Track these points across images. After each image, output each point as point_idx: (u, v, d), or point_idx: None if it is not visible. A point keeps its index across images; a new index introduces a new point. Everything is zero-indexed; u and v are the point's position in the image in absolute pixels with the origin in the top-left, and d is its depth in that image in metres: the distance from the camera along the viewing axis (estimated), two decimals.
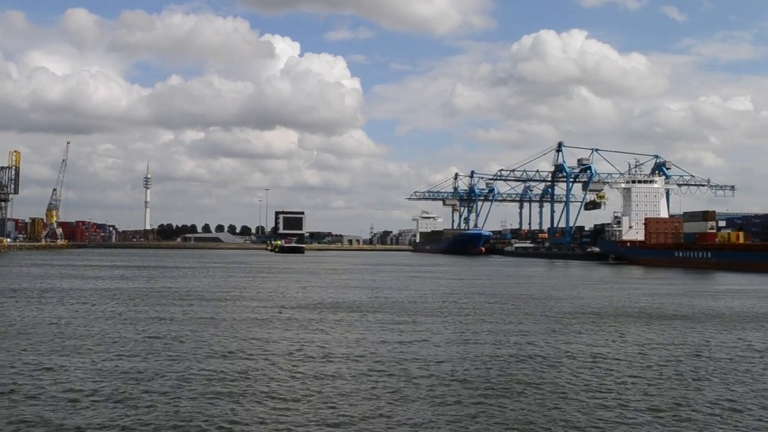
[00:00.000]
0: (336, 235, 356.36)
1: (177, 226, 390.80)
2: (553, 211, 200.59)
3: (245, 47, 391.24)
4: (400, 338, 27.55)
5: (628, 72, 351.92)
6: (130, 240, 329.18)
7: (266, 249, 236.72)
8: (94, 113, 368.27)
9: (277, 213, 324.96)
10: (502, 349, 25.11)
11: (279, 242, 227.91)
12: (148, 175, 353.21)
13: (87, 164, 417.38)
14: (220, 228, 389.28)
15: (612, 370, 21.60)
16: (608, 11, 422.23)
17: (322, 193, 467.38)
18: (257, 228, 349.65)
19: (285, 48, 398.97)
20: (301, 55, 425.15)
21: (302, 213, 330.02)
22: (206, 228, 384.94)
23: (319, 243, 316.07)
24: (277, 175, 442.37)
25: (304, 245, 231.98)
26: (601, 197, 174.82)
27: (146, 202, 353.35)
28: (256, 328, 29.83)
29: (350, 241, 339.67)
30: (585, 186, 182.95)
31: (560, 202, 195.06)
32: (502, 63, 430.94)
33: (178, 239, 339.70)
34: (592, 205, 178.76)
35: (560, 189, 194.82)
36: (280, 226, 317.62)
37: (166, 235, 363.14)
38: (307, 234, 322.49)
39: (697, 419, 15.97)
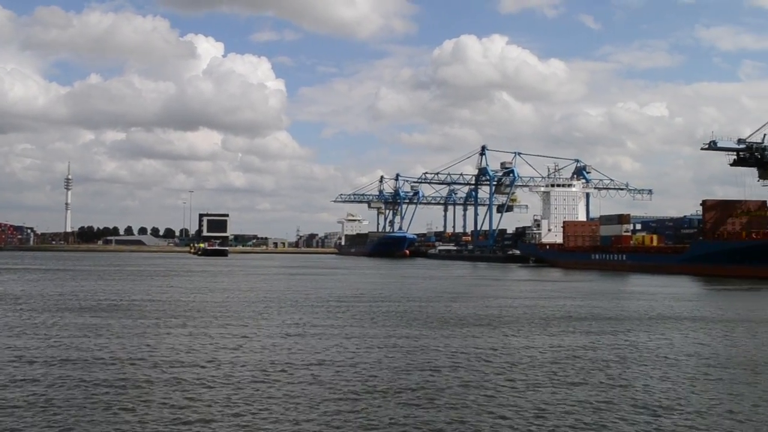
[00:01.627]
0: (261, 238, 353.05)
1: (98, 228, 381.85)
2: (476, 214, 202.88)
3: (165, 47, 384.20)
4: (286, 341, 27.00)
5: (548, 77, 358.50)
6: (49, 242, 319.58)
7: (189, 252, 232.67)
8: (10, 112, 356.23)
9: (201, 215, 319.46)
10: (394, 353, 24.85)
11: (202, 245, 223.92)
12: (69, 176, 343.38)
13: (4, 164, 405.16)
14: (142, 230, 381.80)
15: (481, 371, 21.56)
16: (526, 18, 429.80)
17: (248, 196, 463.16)
18: (181, 230, 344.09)
19: (208, 48, 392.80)
20: (224, 56, 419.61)
21: (226, 215, 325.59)
22: (129, 230, 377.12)
23: (243, 246, 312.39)
24: (201, 177, 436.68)
25: (227, 248, 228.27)
26: (513, 200, 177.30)
27: (67, 204, 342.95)
28: (140, 335, 28.78)
29: (275, 244, 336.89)
30: (497, 189, 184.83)
31: (484, 205, 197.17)
32: (424, 67, 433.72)
33: (100, 242, 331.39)
34: (505, 208, 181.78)
35: (484, 192, 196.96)
36: (204, 228, 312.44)
37: (87, 237, 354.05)
38: (232, 236, 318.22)
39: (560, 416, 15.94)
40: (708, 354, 25.73)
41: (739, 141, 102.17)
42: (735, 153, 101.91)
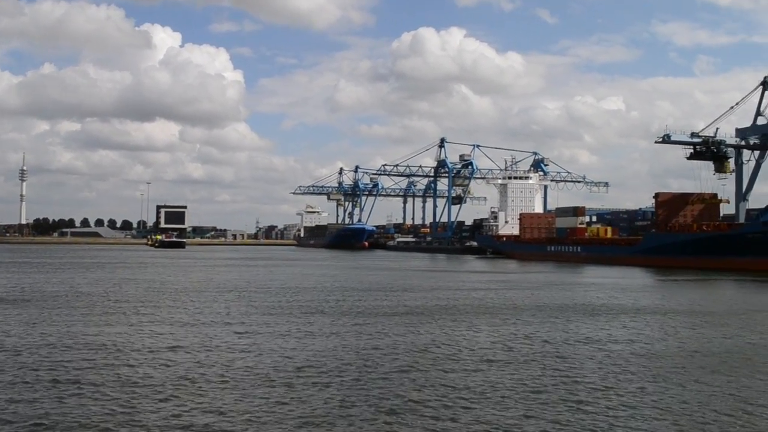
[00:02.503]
0: (220, 230, 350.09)
1: (54, 220, 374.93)
2: (435, 206, 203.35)
3: (120, 36, 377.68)
4: (221, 333, 26.67)
5: (505, 71, 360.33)
6: (2, 235, 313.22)
7: (147, 244, 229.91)
8: None
9: (159, 207, 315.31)
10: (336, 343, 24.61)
11: (159, 237, 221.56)
12: (23, 167, 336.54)
13: None
14: (99, 222, 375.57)
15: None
16: (484, 11, 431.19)
17: (207, 187, 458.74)
18: (139, 222, 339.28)
19: (165, 38, 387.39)
20: (181, 46, 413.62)
21: (185, 207, 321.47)
22: (85, 222, 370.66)
23: (202, 238, 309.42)
24: (159, 168, 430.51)
25: (185, 240, 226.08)
26: (467, 192, 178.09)
27: (22, 195, 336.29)
28: (81, 325, 28.27)
29: (234, 236, 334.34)
30: (456, 181, 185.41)
31: (443, 197, 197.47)
32: (383, 59, 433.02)
33: (55, 234, 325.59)
34: (458, 200, 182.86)
35: (443, 184, 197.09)
36: (162, 220, 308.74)
37: (43, 229, 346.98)
38: (190, 228, 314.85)
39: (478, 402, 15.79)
40: (642, 344, 25.90)
41: (693, 135, 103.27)
42: (692, 147, 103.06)
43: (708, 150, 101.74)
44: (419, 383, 18.71)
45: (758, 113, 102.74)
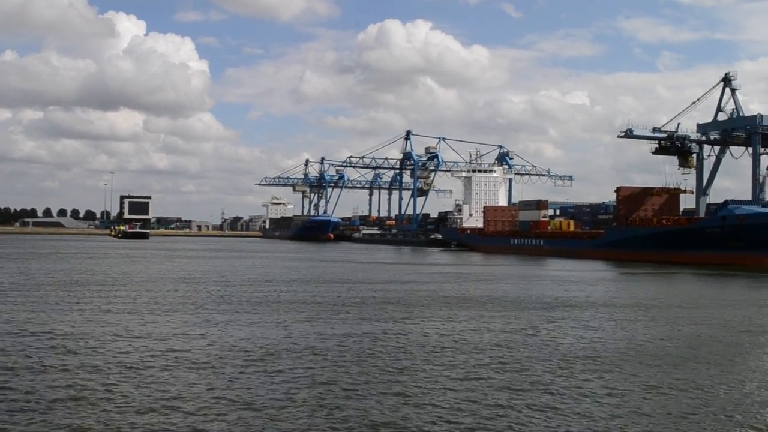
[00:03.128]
0: (185, 221, 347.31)
1: (15, 209, 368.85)
2: (401, 199, 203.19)
3: (83, 24, 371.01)
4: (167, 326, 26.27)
5: (470, 64, 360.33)
6: None
7: (110, 234, 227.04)
8: None
9: (123, 197, 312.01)
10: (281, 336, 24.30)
11: (122, 227, 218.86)
12: None
13: None
14: (62, 212, 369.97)
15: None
16: (449, 4, 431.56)
17: (172, 177, 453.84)
18: (102, 213, 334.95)
19: (129, 27, 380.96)
20: (146, 35, 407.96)
21: (149, 198, 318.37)
22: (47, 212, 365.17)
23: (166, 228, 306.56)
24: (123, 158, 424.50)
25: (148, 231, 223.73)
26: (428, 184, 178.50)
27: None
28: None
29: (199, 227, 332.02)
30: (416, 173, 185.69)
31: (408, 189, 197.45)
32: (349, 51, 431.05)
33: (17, 224, 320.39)
34: (420, 192, 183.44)
35: (410, 176, 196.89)
36: (126, 210, 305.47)
37: (4, 219, 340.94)
38: (154, 219, 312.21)
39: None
40: (589, 336, 25.90)
41: (654, 130, 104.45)
42: (657, 142, 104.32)
43: (673, 145, 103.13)
44: (361, 374, 18.53)
45: (719, 109, 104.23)
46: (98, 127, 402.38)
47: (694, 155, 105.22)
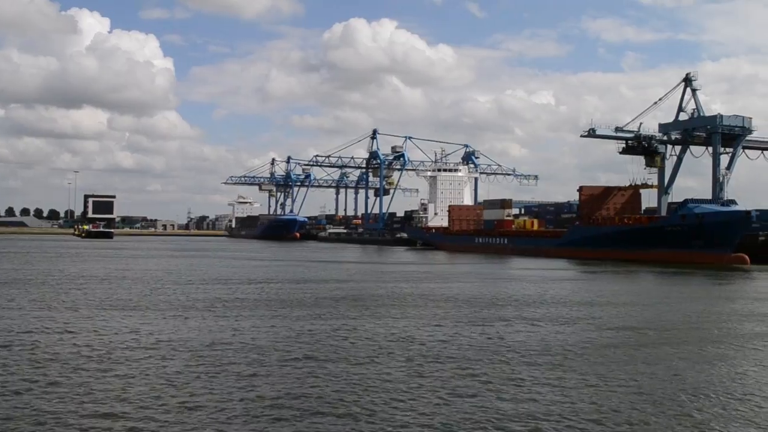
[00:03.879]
0: (150, 220, 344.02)
1: None
2: (367, 198, 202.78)
3: (44, 21, 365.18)
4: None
5: (436, 63, 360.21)
6: None
7: (73, 234, 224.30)
8: None
9: (87, 196, 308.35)
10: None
11: (86, 227, 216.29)
12: None
13: None
14: (25, 212, 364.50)
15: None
16: (415, 3, 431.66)
17: (137, 177, 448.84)
18: (66, 212, 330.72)
19: (92, 24, 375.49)
20: (110, 32, 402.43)
21: (113, 197, 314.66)
22: (10, 211, 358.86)
23: (131, 228, 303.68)
24: (87, 157, 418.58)
25: (112, 230, 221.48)
26: (390, 183, 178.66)
27: None
28: None
29: (165, 226, 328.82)
30: (383, 172, 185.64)
31: (374, 188, 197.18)
32: (314, 50, 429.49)
33: None
34: (382, 192, 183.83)
35: (376, 176, 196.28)
36: (90, 210, 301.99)
37: None
38: (119, 218, 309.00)
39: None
40: (540, 333, 25.89)
41: (617, 129, 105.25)
42: (624, 142, 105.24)
43: (639, 145, 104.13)
44: (306, 372, 18.39)
45: (680, 109, 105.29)
46: (61, 125, 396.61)
47: (661, 155, 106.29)
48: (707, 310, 35.07)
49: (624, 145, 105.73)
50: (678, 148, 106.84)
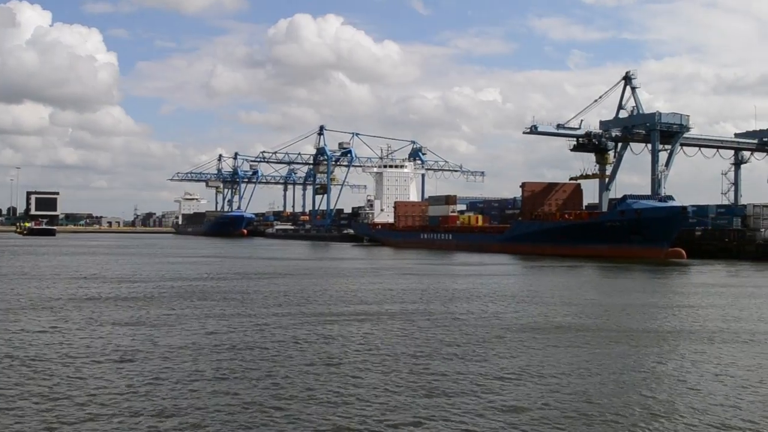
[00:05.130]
0: (96, 217, 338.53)
1: None
2: (315, 194, 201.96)
3: None
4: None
5: (381, 59, 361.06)
6: None
7: (15, 231, 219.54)
8: None
9: (29, 193, 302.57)
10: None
11: (27, 224, 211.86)
12: None
13: None
14: None
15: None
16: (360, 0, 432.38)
17: (82, 173, 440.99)
18: (8, 209, 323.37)
19: (33, 17, 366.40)
20: (51, 26, 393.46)
21: (57, 193, 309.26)
22: None
23: (75, 225, 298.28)
24: (29, 153, 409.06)
25: (55, 227, 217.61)
26: (332, 179, 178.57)
27: None
28: None
29: (110, 223, 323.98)
30: (330, 169, 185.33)
31: (322, 184, 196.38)
32: (259, 46, 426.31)
33: None
34: (323, 190, 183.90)
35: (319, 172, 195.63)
36: (32, 207, 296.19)
37: None
38: (63, 215, 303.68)
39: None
40: (465, 326, 26.04)
41: (558, 126, 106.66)
42: (575, 139, 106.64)
43: (590, 142, 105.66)
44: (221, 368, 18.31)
45: (620, 107, 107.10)
46: (2, 120, 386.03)
47: (611, 152, 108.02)
48: (629, 303, 35.58)
49: (575, 143, 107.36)
50: (619, 144, 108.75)
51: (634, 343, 23.56)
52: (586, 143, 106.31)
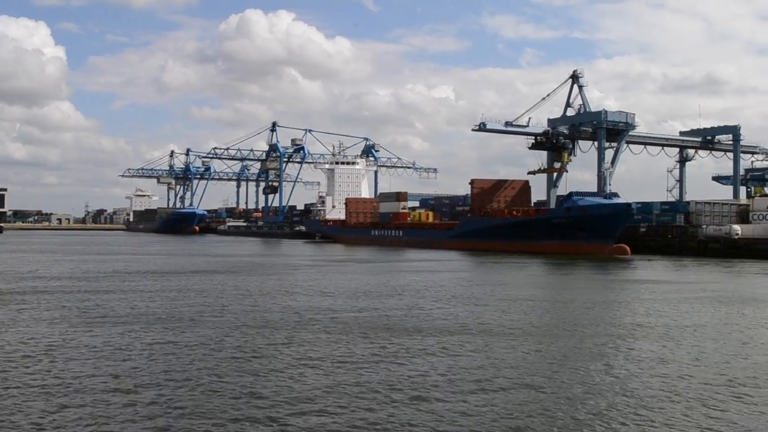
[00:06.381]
0: (45, 214, 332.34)
1: None
2: (267, 191, 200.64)
3: None
4: None
5: (333, 55, 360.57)
6: None
7: None
8: None
9: None
10: None
11: None
12: None
13: None
14: None
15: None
16: None
17: (31, 169, 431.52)
18: None
19: None
20: None
21: (4, 190, 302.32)
22: None
23: (23, 222, 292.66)
24: None
25: (2, 225, 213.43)
26: (276, 176, 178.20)
27: None
28: None
29: (60, 220, 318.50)
30: (282, 165, 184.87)
31: (275, 181, 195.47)
32: (210, 41, 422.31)
33: None
34: (270, 190, 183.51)
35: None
36: None
37: None
38: (10, 212, 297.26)
39: None
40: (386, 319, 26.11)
41: (507, 124, 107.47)
42: (533, 137, 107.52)
43: (548, 141, 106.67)
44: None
45: (567, 105, 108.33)
46: None
47: (569, 150, 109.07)
48: (556, 299, 36.12)
49: (533, 141, 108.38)
50: (567, 142, 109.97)
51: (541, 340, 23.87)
52: (544, 141, 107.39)
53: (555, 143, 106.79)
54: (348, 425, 13.84)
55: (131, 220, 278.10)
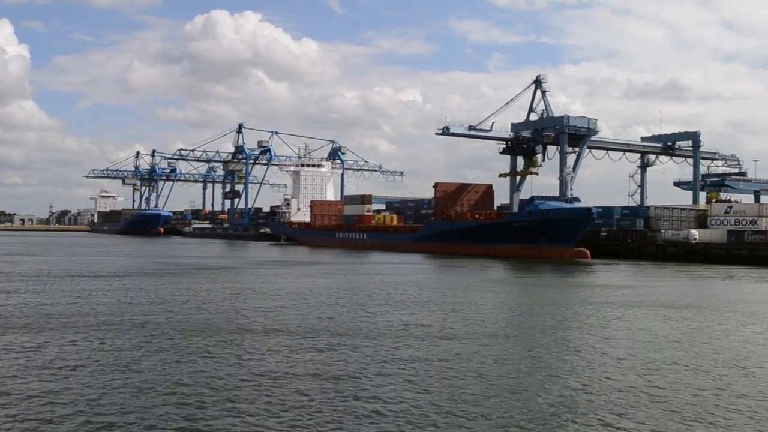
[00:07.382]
0: (8, 214, 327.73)
1: None
2: (224, 198, 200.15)
3: None
4: None
5: (299, 57, 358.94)
6: None
7: None
8: None
9: None
10: None
11: None
12: None
13: None
14: None
15: None
16: None
17: None
18: None
19: None
20: None
21: None
22: None
23: None
24: None
25: None
26: (241, 178, 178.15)
27: None
28: None
29: (23, 221, 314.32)
30: (248, 167, 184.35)
31: (242, 183, 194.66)
32: (175, 42, 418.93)
33: None
34: (232, 194, 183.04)
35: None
36: None
37: None
38: None
39: None
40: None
41: (470, 128, 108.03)
42: (505, 142, 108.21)
43: (519, 146, 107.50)
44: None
45: (531, 110, 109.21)
46: None
47: (539, 155, 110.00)
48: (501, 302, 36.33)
49: (504, 146, 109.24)
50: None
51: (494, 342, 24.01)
52: (516, 146, 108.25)
53: (526, 148, 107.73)
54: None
55: (96, 221, 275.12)
